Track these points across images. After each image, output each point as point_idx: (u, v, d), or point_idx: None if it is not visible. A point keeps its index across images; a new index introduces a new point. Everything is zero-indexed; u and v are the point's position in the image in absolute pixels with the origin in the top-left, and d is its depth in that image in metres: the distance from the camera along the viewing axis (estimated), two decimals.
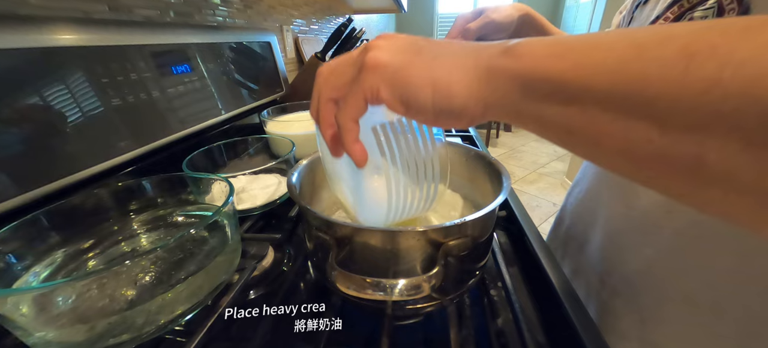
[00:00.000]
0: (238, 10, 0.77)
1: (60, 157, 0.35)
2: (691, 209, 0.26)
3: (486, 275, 0.35)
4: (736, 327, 0.27)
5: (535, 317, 0.31)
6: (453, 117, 0.18)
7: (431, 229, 0.24)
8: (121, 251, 0.33)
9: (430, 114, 0.18)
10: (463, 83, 0.17)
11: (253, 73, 0.72)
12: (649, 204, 0.31)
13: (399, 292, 0.23)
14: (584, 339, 0.26)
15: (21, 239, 0.27)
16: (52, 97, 0.34)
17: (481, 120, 0.18)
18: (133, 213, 0.35)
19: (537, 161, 2.69)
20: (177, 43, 0.52)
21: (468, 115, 0.17)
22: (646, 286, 0.32)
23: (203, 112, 0.55)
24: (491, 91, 0.16)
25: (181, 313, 0.26)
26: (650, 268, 0.31)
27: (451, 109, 0.17)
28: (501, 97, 0.16)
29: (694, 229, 0.28)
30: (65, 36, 0.36)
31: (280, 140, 0.54)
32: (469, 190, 0.39)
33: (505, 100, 0.16)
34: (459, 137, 0.72)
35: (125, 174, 0.43)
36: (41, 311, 0.22)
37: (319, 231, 0.27)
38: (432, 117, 0.18)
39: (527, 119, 0.16)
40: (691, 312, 0.29)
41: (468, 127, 0.19)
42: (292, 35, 1.06)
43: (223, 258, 0.29)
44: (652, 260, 0.31)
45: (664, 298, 0.31)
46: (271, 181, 0.45)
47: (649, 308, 0.32)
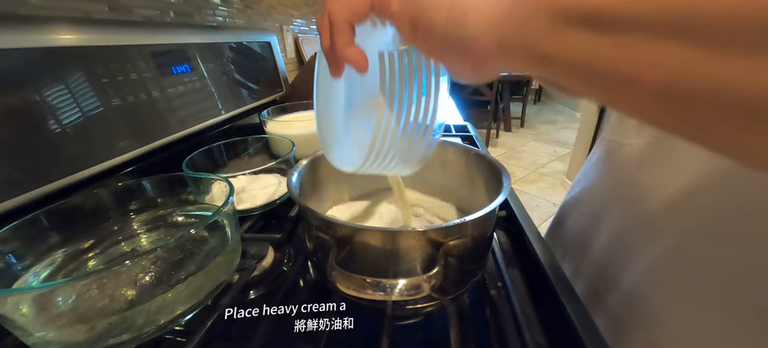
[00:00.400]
0: (238, 10, 0.77)
1: (60, 157, 0.35)
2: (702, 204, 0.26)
3: (486, 275, 0.35)
4: (747, 327, 0.27)
5: (535, 317, 0.31)
6: (461, 49, 0.16)
7: (431, 229, 0.24)
8: (121, 251, 0.33)
9: (437, 40, 0.16)
10: (482, 12, 0.15)
11: (253, 73, 0.72)
12: (656, 202, 0.31)
13: (399, 292, 0.24)
14: (584, 339, 0.26)
15: (21, 239, 0.27)
16: (52, 97, 0.34)
17: (489, 62, 0.16)
18: (133, 213, 0.35)
19: (537, 161, 2.69)
20: (177, 43, 0.52)
21: (478, 49, 0.15)
22: (652, 285, 0.32)
23: (203, 112, 0.55)
24: (512, 24, 0.14)
25: (181, 313, 0.26)
26: (658, 266, 0.31)
27: (461, 37, 0.15)
28: (522, 31, 0.14)
29: (702, 226, 0.28)
30: (65, 36, 0.36)
31: (280, 140, 0.54)
32: (467, 193, 0.39)
33: (527, 35, 0.14)
34: (459, 137, 0.72)
35: (125, 174, 0.43)
36: (41, 311, 0.22)
37: (319, 231, 0.27)
38: (438, 44, 0.16)
39: (549, 60, 0.14)
40: (700, 312, 0.29)
41: (472, 74, 0.18)
42: (292, 35, 1.06)
43: (223, 258, 0.29)
44: (661, 258, 0.31)
45: (671, 298, 0.30)
46: (271, 181, 0.45)
47: (655, 308, 0.32)
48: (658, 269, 0.31)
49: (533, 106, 4.62)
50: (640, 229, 0.33)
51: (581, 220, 0.42)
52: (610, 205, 0.37)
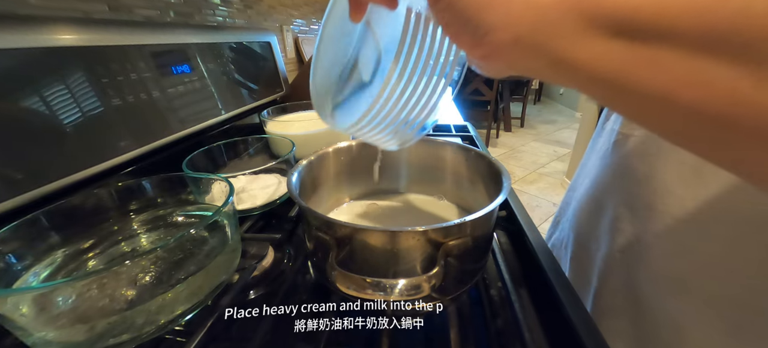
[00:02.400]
0: (238, 10, 0.77)
1: (60, 157, 0.35)
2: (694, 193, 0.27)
3: (486, 275, 0.35)
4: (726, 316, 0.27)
5: (535, 317, 0.31)
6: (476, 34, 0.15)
7: (431, 229, 0.24)
8: (121, 251, 0.33)
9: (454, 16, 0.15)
10: (506, 3, 0.14)
11: (253, 73, 0.72)
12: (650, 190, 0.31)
13: (399, 292, 0.24)
14: (584, 339, 0.26)
15: (21, 239, 0.27)
16: (52, 97, 0.34)
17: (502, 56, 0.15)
18: (133, 213, 0.35)
19: (537, 161, 2.69)
20: (177, 43, 0.52)
21: (491, 40, 0.15)
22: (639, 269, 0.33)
23: (203, 112, 0.55)
24: (534, 22, 0.13)
25: (181, 313, 0.26)
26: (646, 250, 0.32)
27: (478, 22, 0.14)
28: (544, 31, 0.13)
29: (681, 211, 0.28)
30: (65, 36, 0.36)
31: (280, 140, 0.54)
32: (467, 193, 0.39)
33: (549, 38, 0.13)
34: (459, 137, 0.72)
35: (125, 174, 0.43)
36: (41, 311, 0.22)
37: (319, 231, 0.27)
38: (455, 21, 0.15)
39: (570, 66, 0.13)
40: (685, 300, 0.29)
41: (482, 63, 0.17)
42: (292, 35, 1.06)
43: (223, 258, 0.29)
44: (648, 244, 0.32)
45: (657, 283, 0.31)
46: (271, 181, 0.45)
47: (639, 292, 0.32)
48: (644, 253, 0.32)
49: (533, 106, 4.62)
50: (633, 216, 0.33)
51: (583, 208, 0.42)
52: (611, 194, 0.37)
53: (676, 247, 0.30)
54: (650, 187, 0.31)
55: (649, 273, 0.32)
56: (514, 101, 3.49)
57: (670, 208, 0.30)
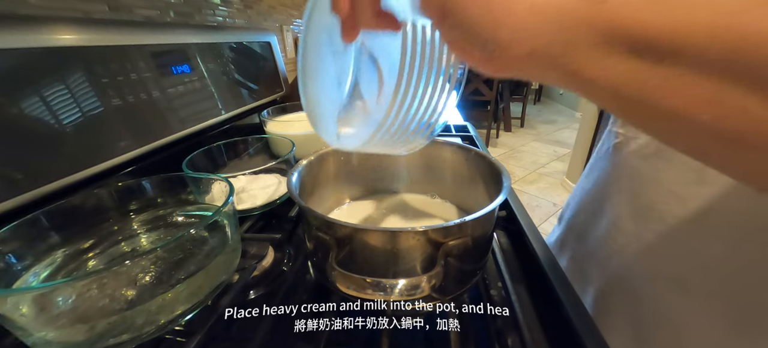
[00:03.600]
0: (238, 10, 0.77)
1: (60, 157, 0.35)
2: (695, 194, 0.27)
3: (486, 275, 0.35)
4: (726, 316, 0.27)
5: (535, 317, 0.31)
6: (488, 51, 0.15)
7: (431, 229, 0.24)
8: (121, 251, 0.33)
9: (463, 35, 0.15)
10: (521, 16, 0.14)
11: (253, 73, 0.72)
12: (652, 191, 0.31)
13: (399, 292, 0.24)
14: (584, 338, 0.26)
15: (21, 239, 0.27)
16: (52, 97, 0.34)
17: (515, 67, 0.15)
18: (133, 213, 0.35)
19: (537, 161, 2.69)
20: (177, 43, 0.52)
21: (506, 55, 0.14)
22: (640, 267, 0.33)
23: (203, 112, 0.55)
24: (549, 37, 0.13)
25: (181, 313, 0.26)
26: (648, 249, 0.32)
27: (492, 40, 0.14)
28: (559, 45, 0.13)
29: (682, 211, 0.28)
30: (65, 36, 0.36)
31: (280, 140, 0.54)
32: (467, 193, 0.39)
33: (564, 54, 0.13)
34: (459, 137, 0.72)
35: (125, 174, 0.43)
36: (41, 311, 0.22)
37: (319, 231, 0.27)
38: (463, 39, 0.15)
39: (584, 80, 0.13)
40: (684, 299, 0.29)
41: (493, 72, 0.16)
42: (292, 35, 1.06)
43: (223, 258, 0.29)
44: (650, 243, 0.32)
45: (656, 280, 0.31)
46: (271, 181, 0.45)
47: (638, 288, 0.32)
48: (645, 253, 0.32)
49: (533, 106, 4.62)
50: (633, 215, 0.33)
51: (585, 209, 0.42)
52: (611, 193, 0.37)
53: (677, 246, 0.30)
54: (651, 187, 0.31)
55: (650, 273, 0.32)
56: (514, 101, 3.49)
57: (671, 208, 0.30)
